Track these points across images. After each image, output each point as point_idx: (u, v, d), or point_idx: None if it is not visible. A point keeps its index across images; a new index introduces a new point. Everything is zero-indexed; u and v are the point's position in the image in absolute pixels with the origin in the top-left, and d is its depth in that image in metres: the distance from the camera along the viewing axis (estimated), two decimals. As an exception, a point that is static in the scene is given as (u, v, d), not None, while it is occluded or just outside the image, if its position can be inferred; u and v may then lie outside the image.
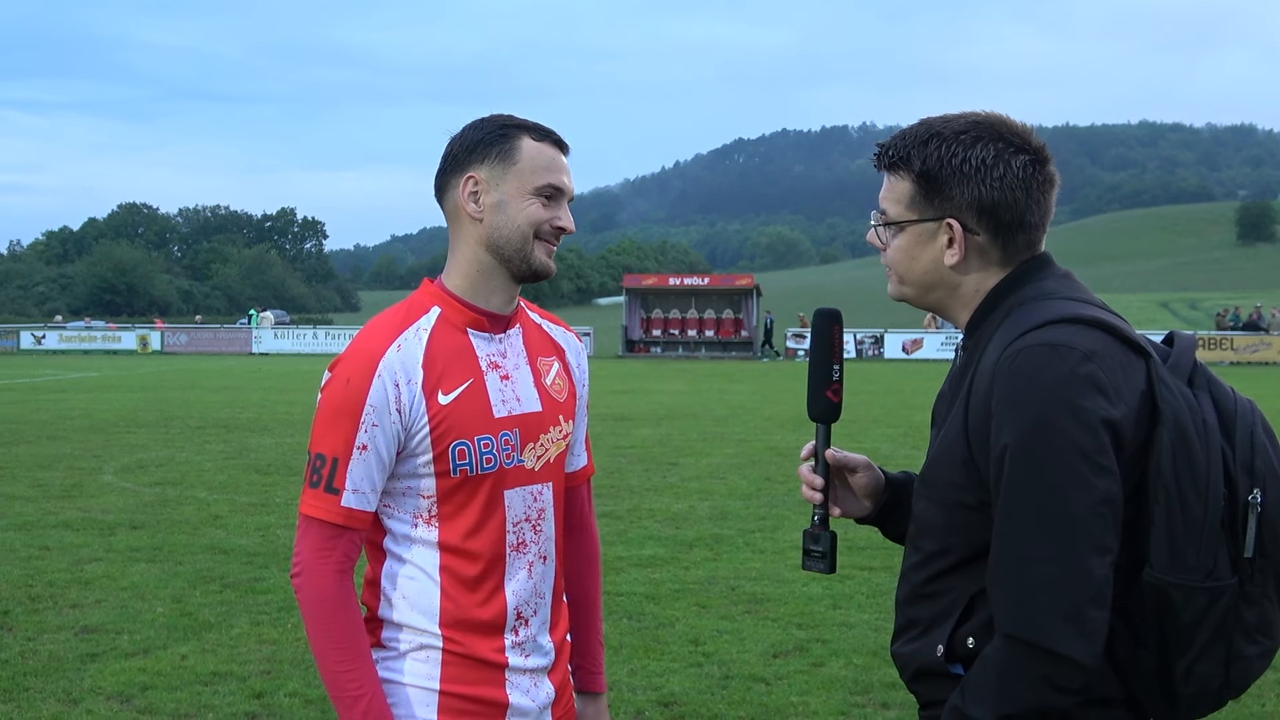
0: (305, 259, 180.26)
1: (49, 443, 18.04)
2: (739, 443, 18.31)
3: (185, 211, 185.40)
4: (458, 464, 2.64)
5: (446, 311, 2.73)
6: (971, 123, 2.33)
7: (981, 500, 2.20)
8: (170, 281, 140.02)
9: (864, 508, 2.71)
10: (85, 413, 23.34)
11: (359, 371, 2.60)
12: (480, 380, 2.70)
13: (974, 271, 2.35)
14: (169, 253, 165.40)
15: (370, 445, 2.59)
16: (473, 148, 2.71)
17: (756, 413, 24.02)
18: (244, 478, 14.50)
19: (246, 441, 18.43)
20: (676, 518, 11.79)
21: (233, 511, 12.13)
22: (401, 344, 2.64)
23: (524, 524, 2.75)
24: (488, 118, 2.76)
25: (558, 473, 2.85)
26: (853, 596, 8.77)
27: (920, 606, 2.34)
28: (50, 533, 11.01)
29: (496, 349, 2.76)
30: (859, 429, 20.30)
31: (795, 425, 21.15)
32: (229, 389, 31.18)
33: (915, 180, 2.35)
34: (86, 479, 14.29)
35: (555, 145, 2.75)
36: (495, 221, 2.70)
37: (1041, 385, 2.11)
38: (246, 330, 61.38)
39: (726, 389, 31.71)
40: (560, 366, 2.91)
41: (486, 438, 2.67)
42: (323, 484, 2.61)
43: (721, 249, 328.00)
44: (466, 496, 2.67)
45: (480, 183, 2.70)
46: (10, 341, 60.77)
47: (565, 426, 2.86)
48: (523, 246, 2.71)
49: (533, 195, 2.69)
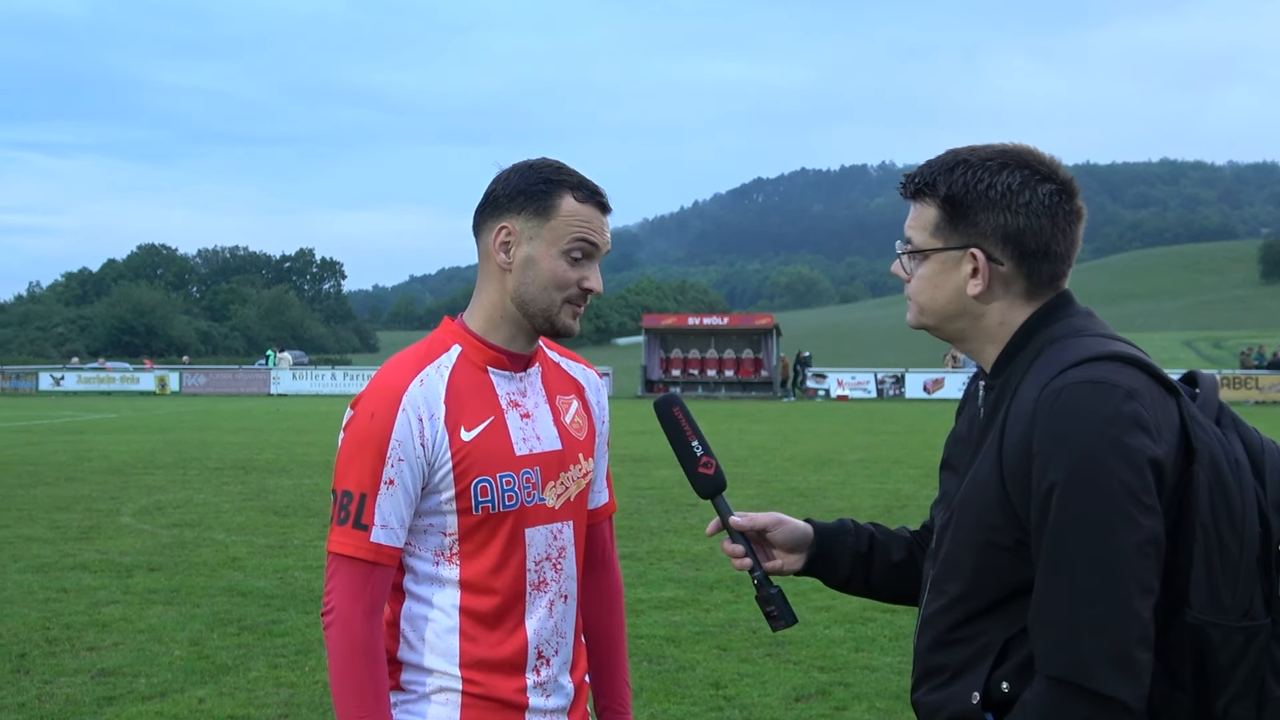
0: (324, 299, 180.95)
1: (67, 484, 18.08)
2: (760, 484, 18.26)
3: (204, 252, 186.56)
4: (480, 501, 2.65)
5: (467, 350, 2.74)
6: (999, 150, 2.33)
7: (1018, 540, 2.17)
8: (189, 322, 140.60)
9: (794, 561, 2.72)
10: (103, 454, 23.42)
11: (383, 406, 2.61)
12: (501, 418, 2.71)
13: (997, 303, 2.33)
14: (188, 294, 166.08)
15: (397, 480, 2.59)
16: (512, 195, 2.70)
17: (777, 453, 23.96)
18: (262, 519, 14.51)
19: (265, 483, 18.45)
20: (697, 559, 11.75)
21: (251, 554, 12.12)
22: (424, 379, 2.65)
23: (545, 562, 2.75)
24: (535, 164, 2.74)
25: (579, 511, 2.85)
26: (875, 639, 8.72)
27: (946, 653, 2.31)
28: (68, 575, 11.02)
29: (516, 387, 2.77)
30: (880, 470, 20.24)
31: (817, 465, 21.09)
32: (247, 430, 31.26)
33: (940, 206, 2.34)
34: (104, 521, 14.31)
35: (597, 206, 2.73)
36: (523, 277, 2.70)
37: (1088, 423, 2.09)
38: (265, 371, 61.59)
39: (747, 429, 31.65)
40: (580, 405, 2.92)
41: (508, 475, 2.68)
42: (351, 520, 2.60)
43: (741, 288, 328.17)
44: (488, 534, 2.67)
45: (513, 234, 2.69)
46: (29, 383, 61.12)
47: (585, 465, 2.87)
48: (548, 308, 2.72)
49: (563, 255, 2.69)
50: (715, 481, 2.75)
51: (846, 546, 2.71)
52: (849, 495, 16.82)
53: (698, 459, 2.74)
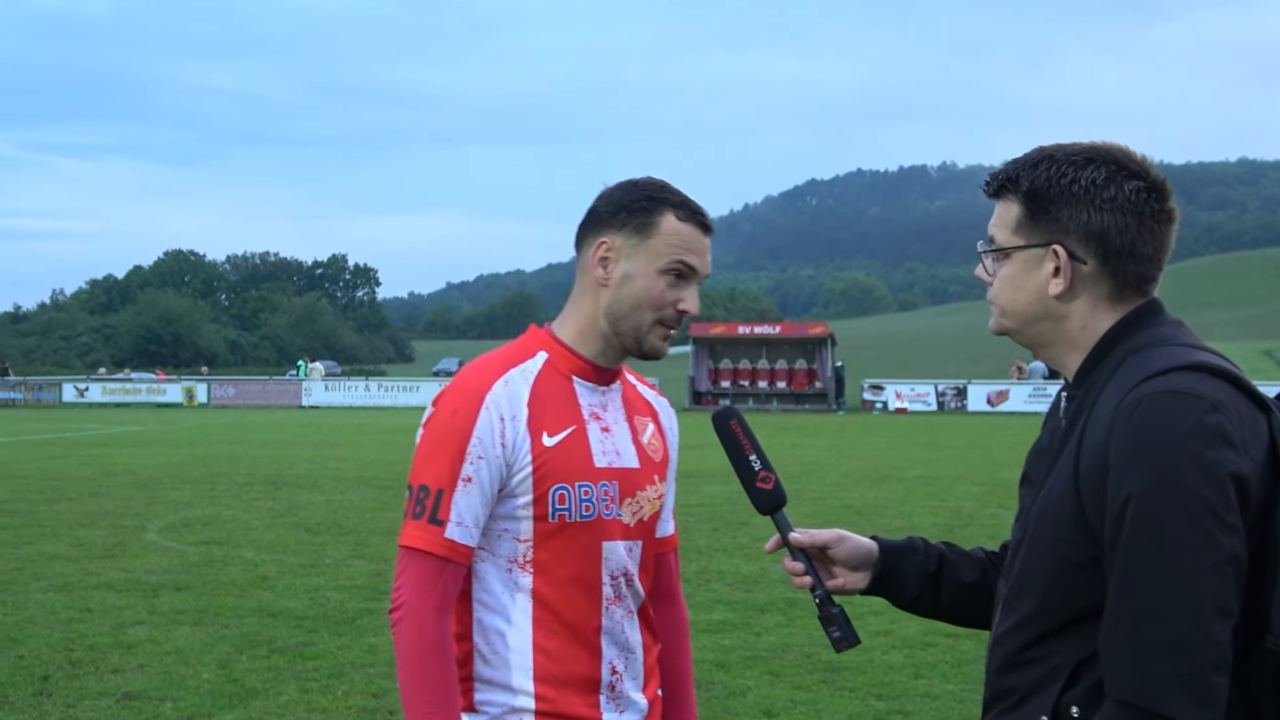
0: (357, 307, 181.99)
1: (91, 500, 18.24)
2: (814, 500, 18.20)
3: (233, 259, 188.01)
4: (557, 509, 2.72)
5: (554, 357, 2.84)
6: (1087, 147, 2.33)
7: (1093, 557, 2.16)
8: (217, 331, 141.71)
9: (858, 579, 2.74)
10: (129, 469, 23.61)
11: (466, 403, 2.70)
12: (582, 428, 2.79)
13: (1081, 304, 2.32)
14: (216, 301, 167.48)
15: (475, 478, 2.68)
16: (614, 211, 2.79)
17: (832, 468, 23.89)
18: (293, 537, 14.59)
19: (296, 499, 18.56)
20: (747, 580, 11.73)
21: (281, 573, 12.19)
22: (508, 380, 2.75)
23: (620, 579, 2.82)
24: (640, 182, 2.83)
25: (649, 532, 2.93)
26: (936, 665, 8.67)
27: (1016, 674, 2.30)
28: (92, 594, 11.11)
29: (599, 400, 2.86)
30: (941, 486, 20.14)
31: (874, 481, 21.01)
32: (277, 443, 31.44)
33: (1022, 202, 2.34)
34: (130, 538, 14.42)
35: (699, 226, 2.81)
36: (619, 294, 2.79)
37: (1167, 435, 2.07)
38: (296, 382, 61.99)
39: (800, 443, 31.57)
40: (655, 428, 3.00)
41: (586, 485, 2.75)
42: (426, 515, 2.67)
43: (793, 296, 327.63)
44: (564, 544, 2.74)
45: (612, 249, 2.79)
46: (52, 394, 61.70)
47: (660, 486, 2.95)
48: (639, 326, 2.80)
49: (660, 274, 2.77)
50: (774, 496, 2.76)
51: (914, 565, 2.71)
52: (907, 513, 16.75)
53: (756, 473, 2.76)
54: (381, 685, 8.10)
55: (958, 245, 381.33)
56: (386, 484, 20.54)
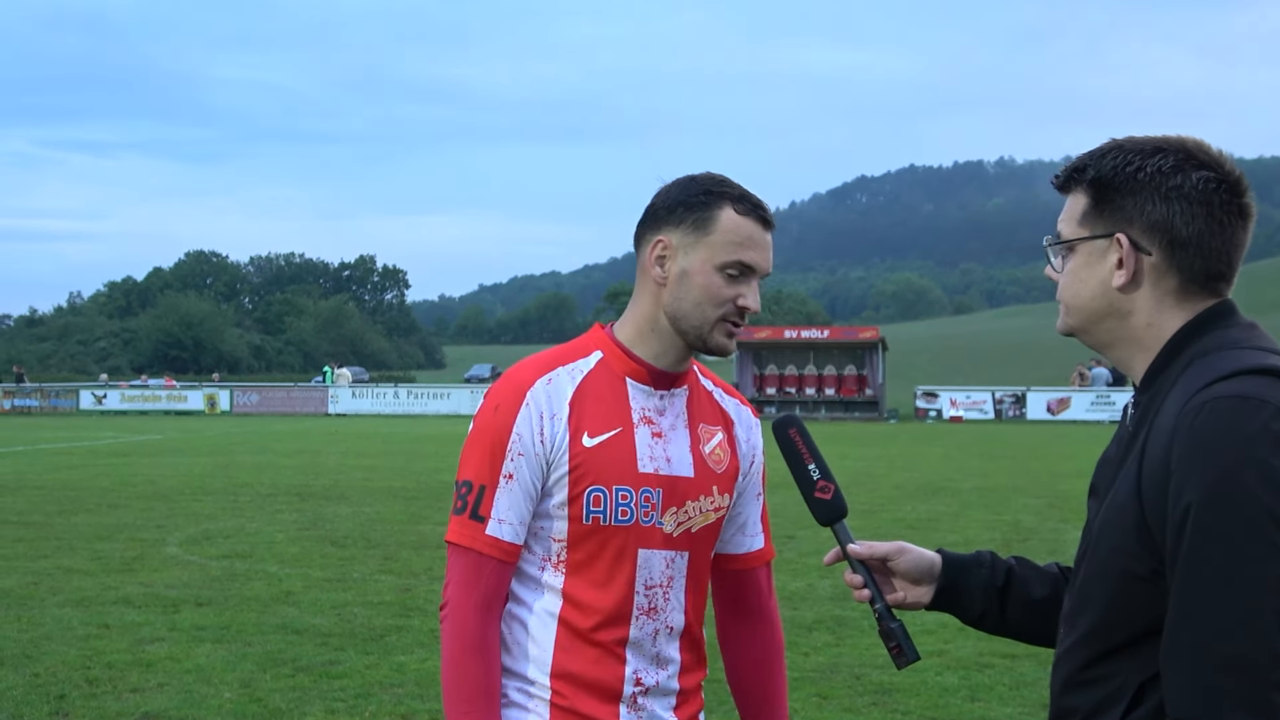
0: (386, 311, 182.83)
1: (109, 511, 18.37)
2: (864, 514, 18.15)
3: (257, 260, 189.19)
4: (591, 510, 2.79)
5: (609, 357, 2.91)
6: (1159, 138, 2.33)
7: (1154, 570, 2.14)
8: (240, 336, 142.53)
9: (920, 593, 2.74)
10: (148, 479, 23.76)
11: (507, 399, 2.80)
12: (629, 431, 2.84)
13: (1145, 299, 2.30)
14: (239, 304, 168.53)
15: (516, 475, 2.77)
16: (672, 208, 2.84)
17: (883, 480, 23.82)
18: (319, 550, 14.65)
19: (322, 511, 18.63)
20: (794, 597, 11.70)
21: (307, 588, 12.24)
22: (553, 378, 2.83)
23: (656, 589, 2.85)
24: (699, 177, 2.87)
25: (700, 545, 2.94)
26: (993, 688, 8.63)
27: (1078, 694, 2.28)
28: (110, 610, 11.18)
29: (655, 404, 2.90)
30: (999, 499, 20.05)
31: (928, 494, 20.94)
32: (303, 453, 31.58)
33: (1088, 192, 2.34)
34: (149, 551, 14.51)
35: (759, 221, 2.84)
36: (677, 292, 2.85)
37: (1230, 441, 2.06)
38: (322, 389, 62.23)
39: (849, 454, 31.48)
40: (724, 438, 3.02)
41: (625, 489, 2.80)
42: (468, 510, 2.79)
43: (842, 298, 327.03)
44: (597, 547, 2.80)
45: (669, 247, 2.84)
46: (69, 401, 62.19)
47: (719, 499, 2.96)
48: (700, 324, 2.84)
49: (719, 270, 2.81)
50: (834, 507, 2.78)
51: (980, 579, 2.71)
52: (963, 527, 16.68)
53: (814, 483, 2.79)
54: (411, 706, 8.12)
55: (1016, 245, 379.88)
56: (415, 495, 20.62)
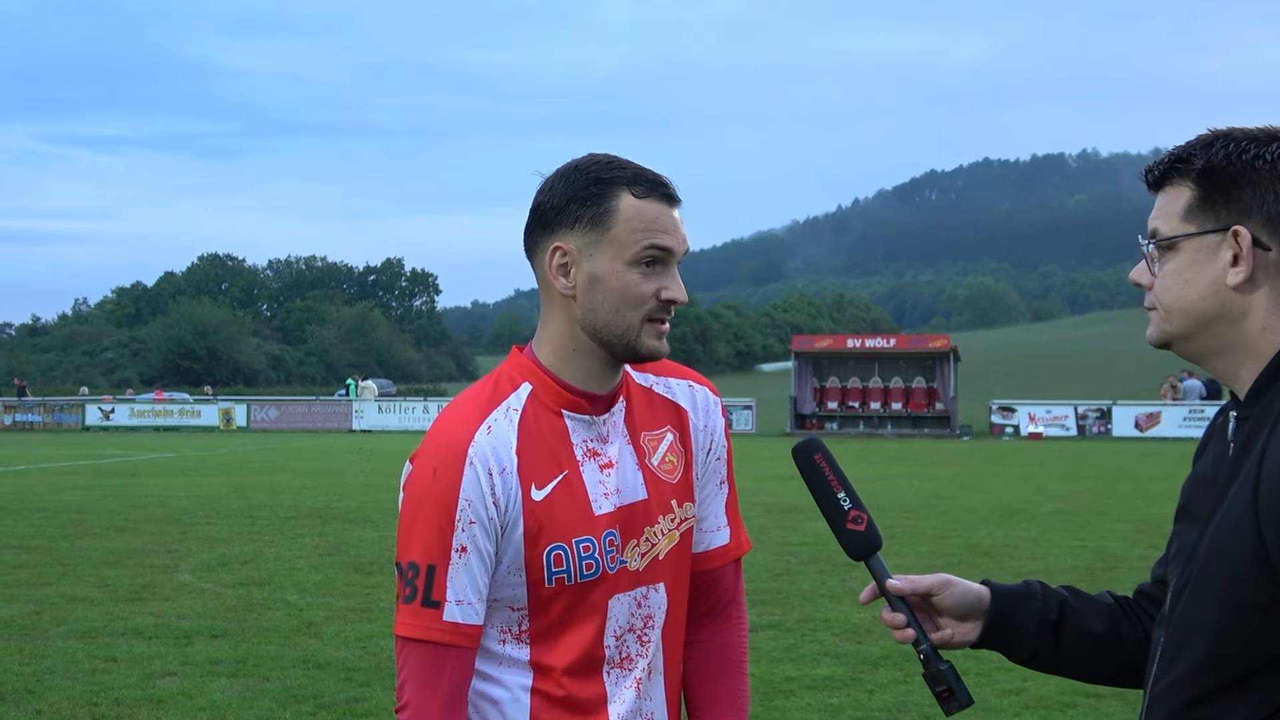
0: (414, 318, 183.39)
1: (117, 535, 18.49)
2: (934, 539, 18.08)
3: (276, 264, 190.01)
4: (553, 571, 2.66)
5: (539, 389, 2.74)
6: (1268, 128, 2.30)
7: (1273, 599, 2.12)
8: (258, 345, 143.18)
9: (967, 630, 2.70)
10: (159, 500, 23.91)
11: (447, 461, 2.61)
12: (576, 471, 2.71)
13: (1262, 299, 2.26)
14: (256, 312, 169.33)
15: (470, 546, 2.60)
16: (561, 207, 2.69)
17: (955, 502, 23.73)
18: (342, 578, 14.70)
19: (346, 535, 18.70)
20: (858, 630, 11.66)
21: (329, 618, 12.28)
22: (492, 425, 2.66)
23: (628, 634, 2.76)
24: (582, 164, 2.72)
25: (673, 572, 2.84)
26: (1076, 730, 8.57)
27: None
28: (118, 641, 11.25)
29: (596, 433, 2.77)
30: (1081, 523, 19.92)
31: (1004, 518, 20.84)
32: (325, 472, 31.73)
33: (1196, 184, 2.30)
34: (160, 578, 14.60)
35: (663, 199, 2.70)
36: (590, 301, 2.69)
37: None
38: (345, 403, 62.51)
39: (918, 473, 31.39)
40: (675, 438, 2.90)
41: (587, 539, 2.68)
42: (419, 597, 2.61)
43: (910, 304, 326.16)
44: (563, 609, 2.68)
45: (569, 253, 2.69)
46: (74, 416, 62.63)
47: (680, 512, 2.85)
48: (625, 332, 2.70)
49: (631, 266, 2.67)
50: (868, 539, 2.74)
51: (1031, 613, 2.68)
52: (1043, 554, 16.59)
53: (846, 513, 2.74)
54: (442, 747, 8.12)
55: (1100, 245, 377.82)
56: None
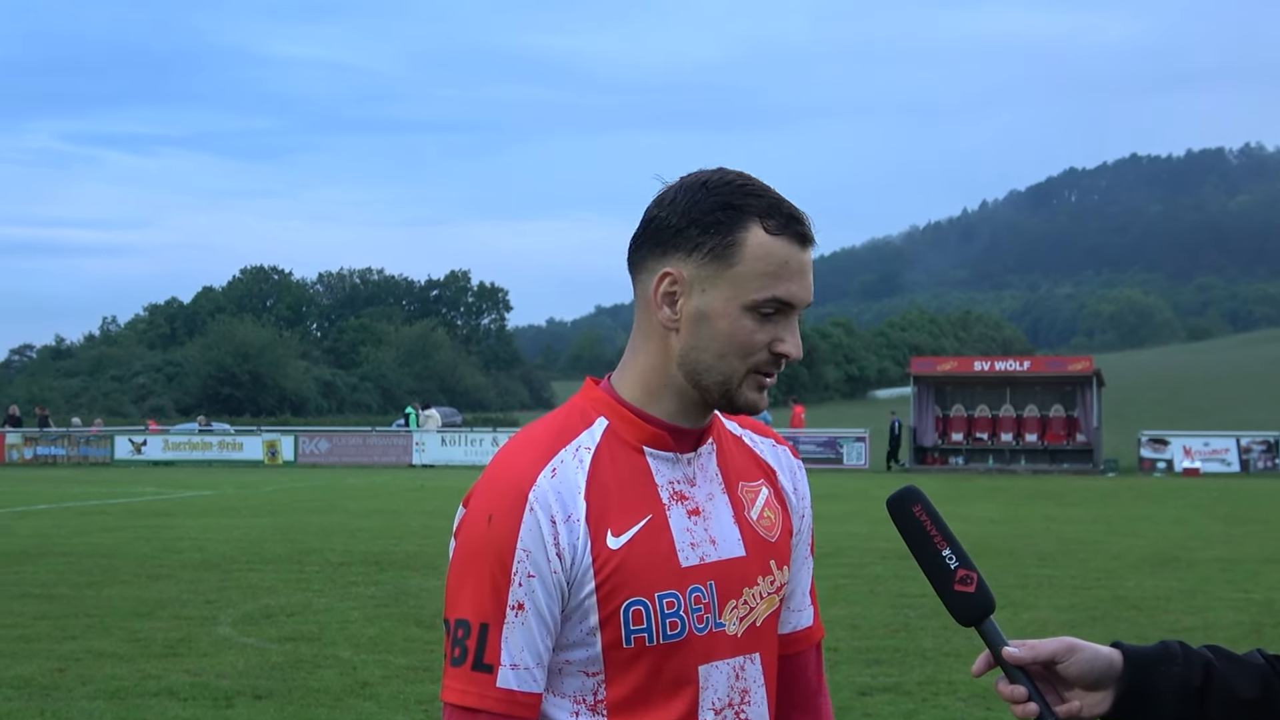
0: (483, 338, 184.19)
1: (149, 583, 18.64)
2: (1075, 590, 17.94)
3: (327, 277, 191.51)
4: (633, 630, 2.60)
5: (616, 424, 2.72)
6: None
7: None
8: (307, 369, 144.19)
9: (1097, 701, 2.65)
10: (196, 544, 24.10)
11: (504, 505, 2.59)
12: (662, 516, 2.67)
13: None
14: (305, 332, 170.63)
15: (528, 603, 2.57)
16: (680, 229, 2.64)
17: (1099, 548, 23.54)
18: (401, 632, 14.76)
19: (405, 584, 18.79)
20: (988, 695, 11.59)
21: (386, 677, 12.33)
22: (557, 468, 2.63)
23: (727, 710, 2.72)
24: (712, 181, 2.67)
25: (768, 640, 2.82)
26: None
27: None
28: (150, 702, 11.34)
29: (683, 474, 2.74)
30: (1247, 572, 19.69)
31: (1156, 566, 20.64)
32: (382, 513, 31.89)
33: None
34: (197, 631, 14.70)
35: (796, 240, 2.66)
36: (693, 339, 2.66)
37: None
38: (405, 434, 62.80)
39: (1056, 515, 31.18)
40: (770, 493, 2.87)
41: (671, 595, 2.63)
42: (469, 659, 2.58)
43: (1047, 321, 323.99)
44: (646, 675, 2.63)
45: (680, 282, 2.65)
46: (102, 449, 63.18)
47: (778, 575, 2.82)
48: (726, 380, 2.67)
49: (748, 311, 2.63)
50: (980, 602, 2.69)
51: (1171, 679, 2.64)
52: (1201, 608, 16.41)
53: (953, 573, 2.69)
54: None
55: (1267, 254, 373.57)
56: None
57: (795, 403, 68.07)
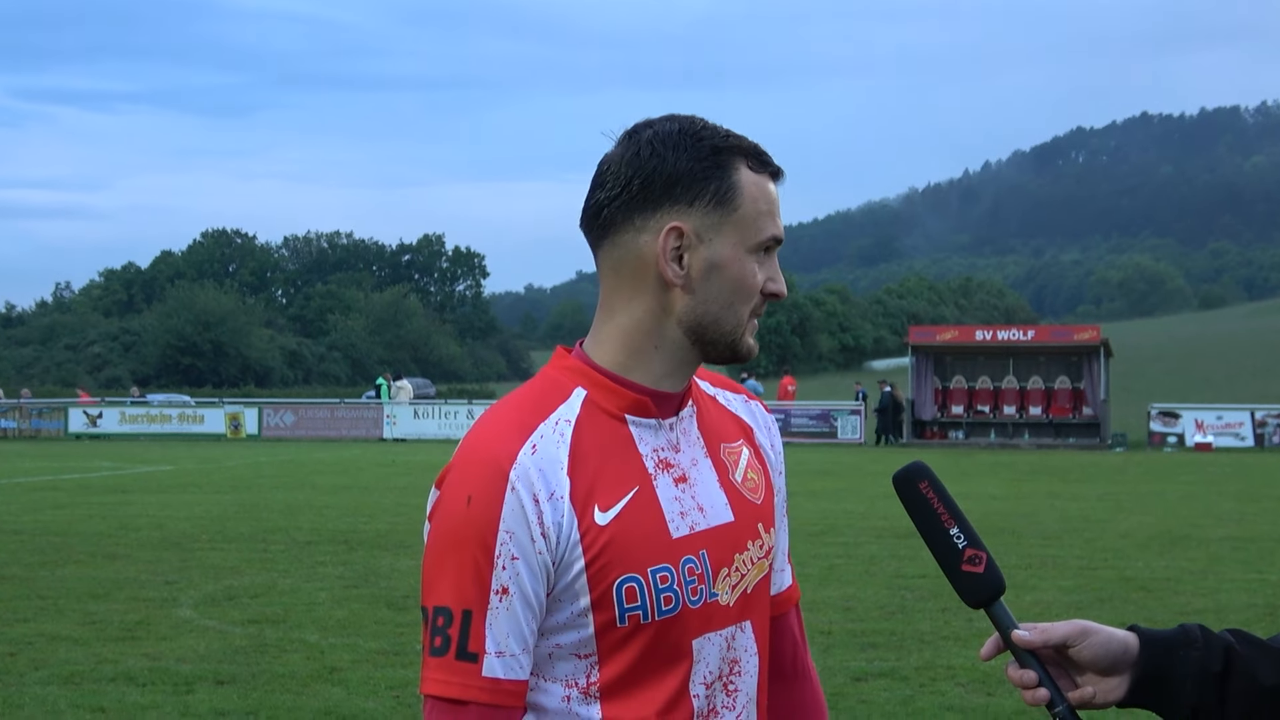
0: (457, 306, 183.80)
1: (106, 563, 18.64)
2: (1080, 571, 17.98)
3: (293, 241, 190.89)
4: (626, 609, 2.61)
5: (595, 394, 2.72)
6: None
7: None
8: (272, 338, 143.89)
9: (1112, 687, 2.65)
10: (155, 521, 24.09)
11: (483, 485, 2.58)
12: (649, 487, 2.68)
13: None
14: (270, 298, 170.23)
15: (513, 587, 2.56)
16: (677, 179, 2.65)
17: (1106, 527, 23.62)
18: (371, 614, 14.78)
19: (375, 564, 18.80)
20: (988, 680, 11.63)
21: (355, 661, 12.34)
22: (538, 443, 2.62)
23: (717, 683, 2.73)
24: (689, 128, 2.69)
25: (759, 607, 2.84)
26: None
27: None
28: (107, 688, 11.34)
29: (666, 440, 2.75)
30: (1261, 552, 19.75)
31: (1166, 545, 20.70)
32: (351, 489, 31.92)
33: None
34: (156, 613, 14.71)
35: (772, 175, 2.74)
36: (704, 293, 2.69)
37: None
38: (376, 407, 62.87)
39: (1061, 492, 31.26)
40: (750, 453, 2.90)
41: (664, 569, 2.64)
42: (452, 649, 2.56)
43: (1052, 288, 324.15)
44: (639, 653, 2.64)
45: (687, 235, 2.66)
46: (55, 422, 63.15)
47: (767, 539, 2.85)
48: (735, 328, 2.71)
49: (750, 254, 2.68)
50: (989, 582, 2.70)
51: (1190, 663, 2.64)
52: (1212, 589, 16.46)
53: (961, 552, 2.70)
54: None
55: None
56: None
57: (786, 373, 68.08)
